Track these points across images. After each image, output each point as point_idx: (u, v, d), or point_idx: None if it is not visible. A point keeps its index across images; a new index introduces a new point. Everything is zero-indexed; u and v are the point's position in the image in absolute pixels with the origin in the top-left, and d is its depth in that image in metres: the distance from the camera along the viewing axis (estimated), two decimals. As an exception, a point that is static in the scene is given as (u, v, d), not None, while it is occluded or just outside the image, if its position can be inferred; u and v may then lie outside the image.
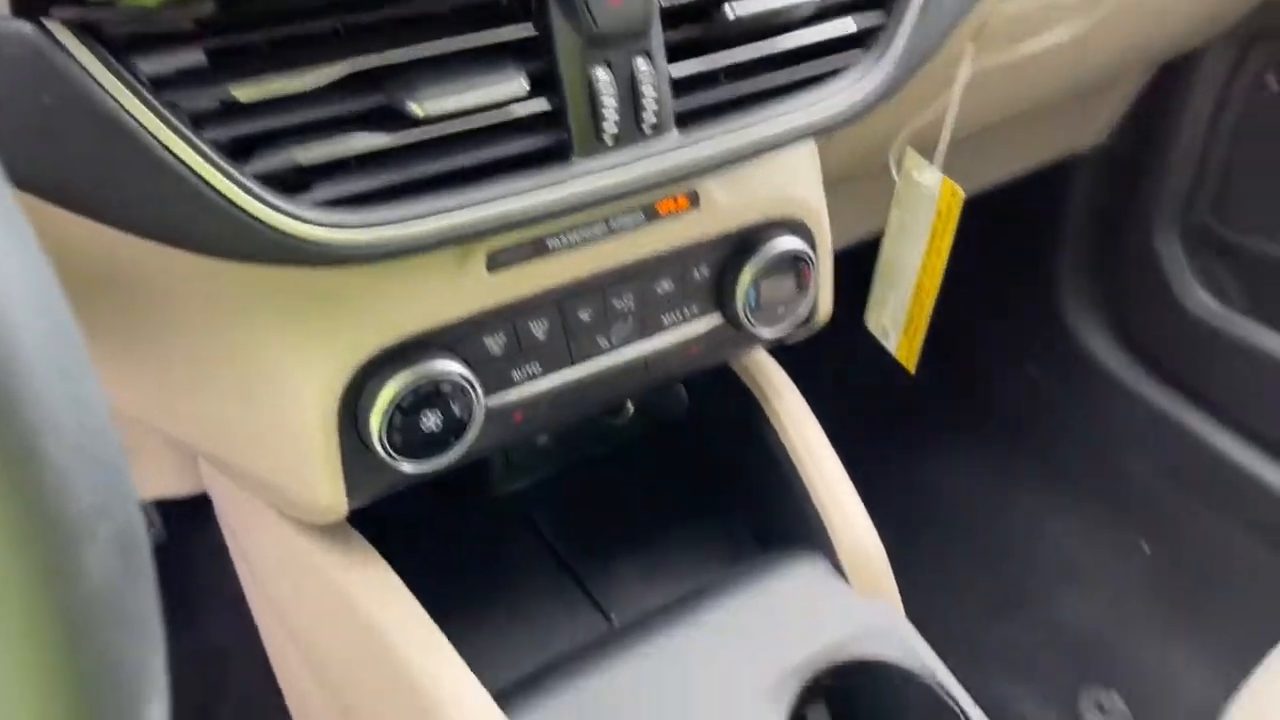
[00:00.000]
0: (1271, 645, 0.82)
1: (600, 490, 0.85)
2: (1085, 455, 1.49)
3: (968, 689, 0.66)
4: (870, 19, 0.61)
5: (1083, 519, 1.45)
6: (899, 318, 0.86)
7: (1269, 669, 0.79)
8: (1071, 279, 1.49)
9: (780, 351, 0.79)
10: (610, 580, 0.78)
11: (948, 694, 0.65)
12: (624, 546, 0.80)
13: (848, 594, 0.70)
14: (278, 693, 1.02)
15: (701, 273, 0.67)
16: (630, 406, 0.83)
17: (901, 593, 0.73)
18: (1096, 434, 1.47)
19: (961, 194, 0.77)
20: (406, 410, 0.57)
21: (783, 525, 0.76)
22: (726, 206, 0.66)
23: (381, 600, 0.64)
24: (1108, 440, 1.46)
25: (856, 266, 0.92)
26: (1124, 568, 1.40)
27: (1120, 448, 1.44)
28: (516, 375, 0.63)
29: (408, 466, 0.59)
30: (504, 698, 0.62)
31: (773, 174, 0.68)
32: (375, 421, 0.57)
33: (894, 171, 0.82)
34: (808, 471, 0.74)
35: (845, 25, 0.60)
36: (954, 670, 0.67)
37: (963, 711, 0.64)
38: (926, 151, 0.81)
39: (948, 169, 0.80)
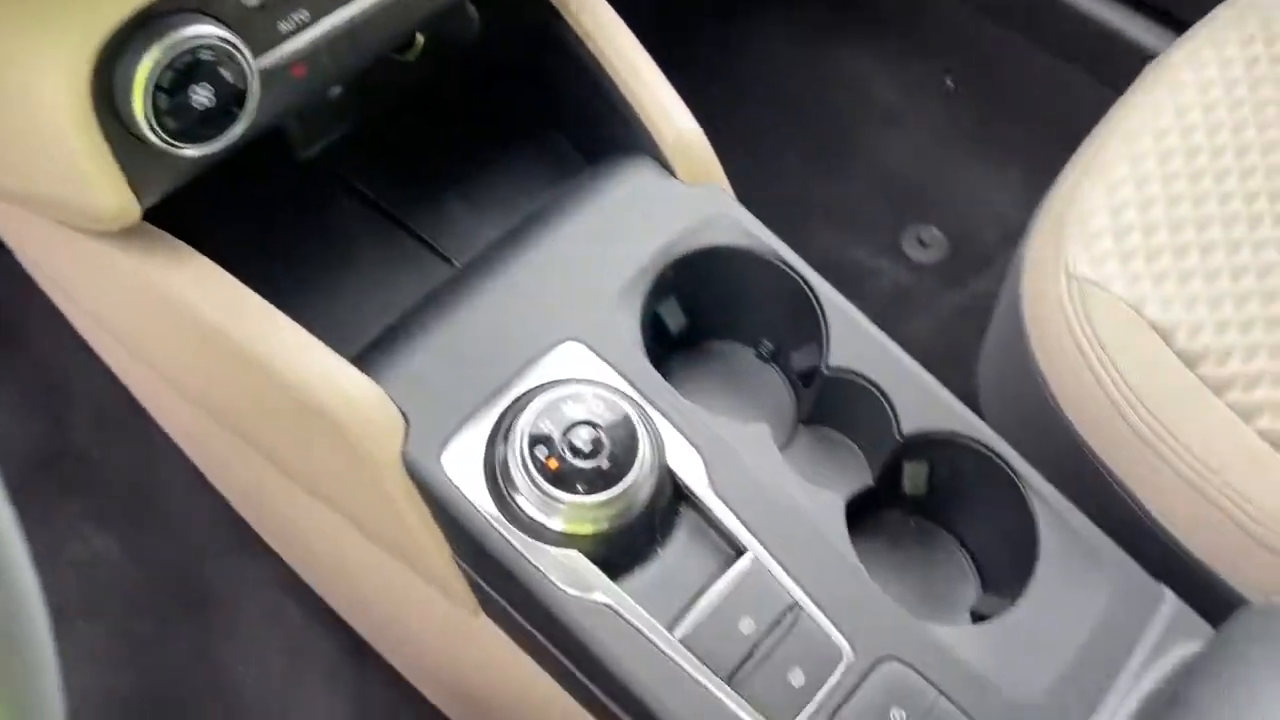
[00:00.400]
0: (1069, 156, 0.87)
1: (411, 135, 0.80)
2: (898, 3, 1.48)
3: (796, 247, 0.69)
4: None
5: (897, 67, 1.47)
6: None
7: (1068, 178, 0.85)
8: None
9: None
10: (444, 224, 0.76)
11: (786, 264, 0.68)
12: (449, 188, 0.77)
13: (678, 188, 0.71)
14: (130, 396, 1.01)
15: None
16: (420, 39, 0.77)
17: (727, 170, 0.74)
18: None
19: None
20: (170, 89, 0.52)
21: (603, 133, 0.74)
22: None
23: (205, 291, 0.61)
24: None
25: None
26: (934, 108, 1.44)
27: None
28: (284, 26, 0.57)
29: (191, 150, 0.54)
30: (361, 360, 0.62)
31: None
32: (138, 106, 0.51)
33: None
34: (617, 71, 0.71)
35: None
36: (783, 231, 0.70)
37: (801, 276, 0.68)
38: None
39: None
